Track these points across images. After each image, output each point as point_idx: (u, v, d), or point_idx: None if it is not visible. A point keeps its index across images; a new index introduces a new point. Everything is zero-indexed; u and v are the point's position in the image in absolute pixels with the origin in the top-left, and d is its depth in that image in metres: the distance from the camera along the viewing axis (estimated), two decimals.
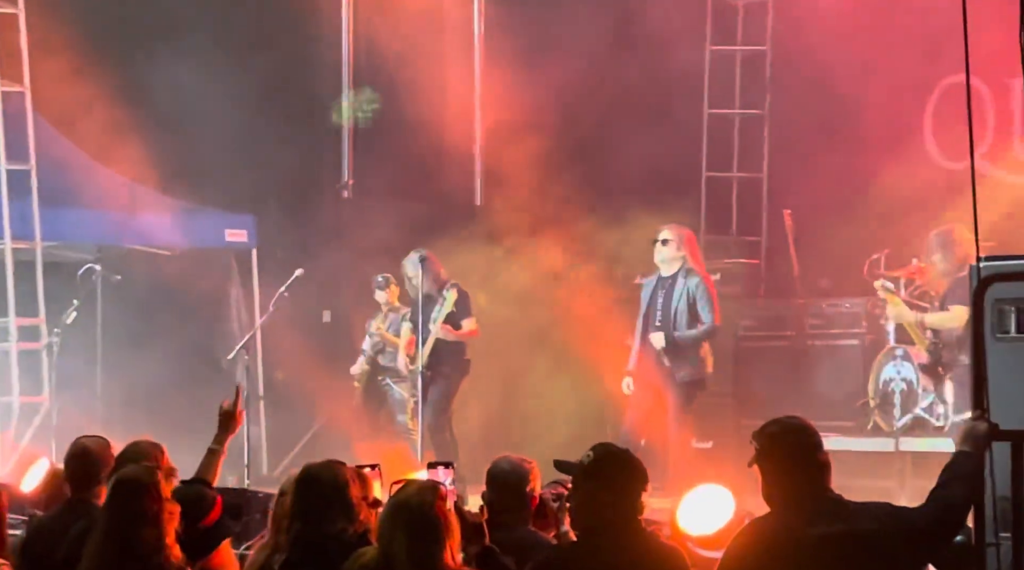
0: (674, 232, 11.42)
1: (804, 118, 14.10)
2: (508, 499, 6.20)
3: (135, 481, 5.71)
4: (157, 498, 5.64)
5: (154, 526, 5.59)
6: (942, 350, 10.63)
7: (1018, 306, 6.32)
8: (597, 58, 14.20)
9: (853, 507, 5.27)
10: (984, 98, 13.04)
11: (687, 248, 11.40)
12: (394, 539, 5.16)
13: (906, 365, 12.31)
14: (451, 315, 12.18)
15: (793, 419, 5.37)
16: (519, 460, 6.29)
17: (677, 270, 11.37)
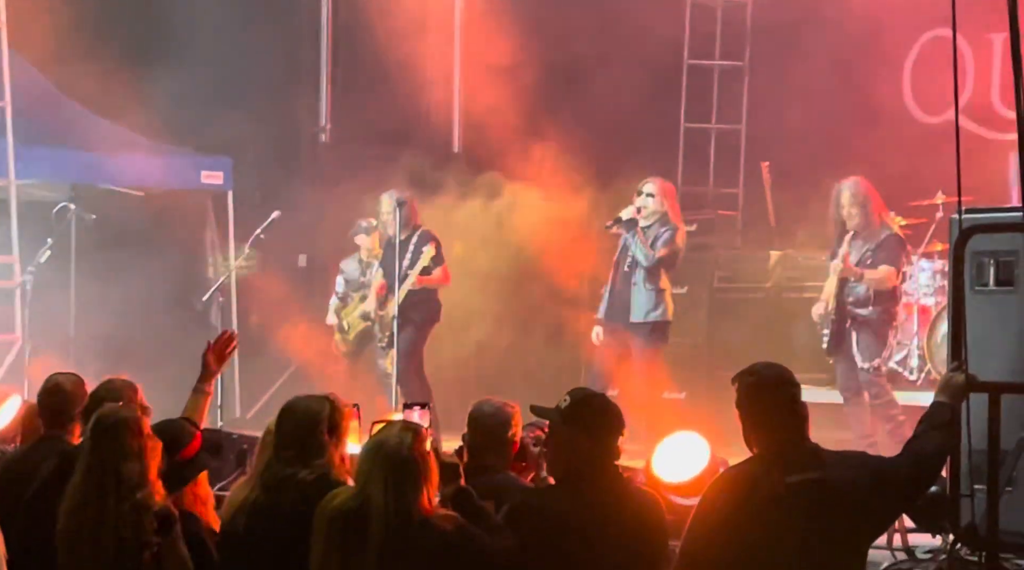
0: (658, 186, 11.45)
1: (783, 70, 14.05)
2: (490, 442, 6.18)
3: (117, 417, 5.69)
4: (139, 434, 5.62)
5: (137, 461, 5.57)
6: (849, 305, 10.68)
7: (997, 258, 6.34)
8: (578, 7, 14.13)
9: (829, 456, 5.29)
10: (964, 53, 13.02)
11: (668, 202, 11.44)
12: (371, 479, 5.15)
13: None
14: (425, 269, 12.16)
15: (773, 368, 5.38)
16: (501, 403, 6.26)
17: (655, 222, 11.40)
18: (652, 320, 11.33)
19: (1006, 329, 6.09)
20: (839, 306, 10.70)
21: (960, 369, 5.39)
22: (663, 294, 11.37)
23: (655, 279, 11.34)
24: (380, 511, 5.12)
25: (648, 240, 11.32)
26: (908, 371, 12.23)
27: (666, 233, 11.34)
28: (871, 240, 10.70)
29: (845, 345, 10.78)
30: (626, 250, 11.43)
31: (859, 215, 10.70)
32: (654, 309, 11.34)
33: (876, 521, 5.35)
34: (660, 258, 11.30)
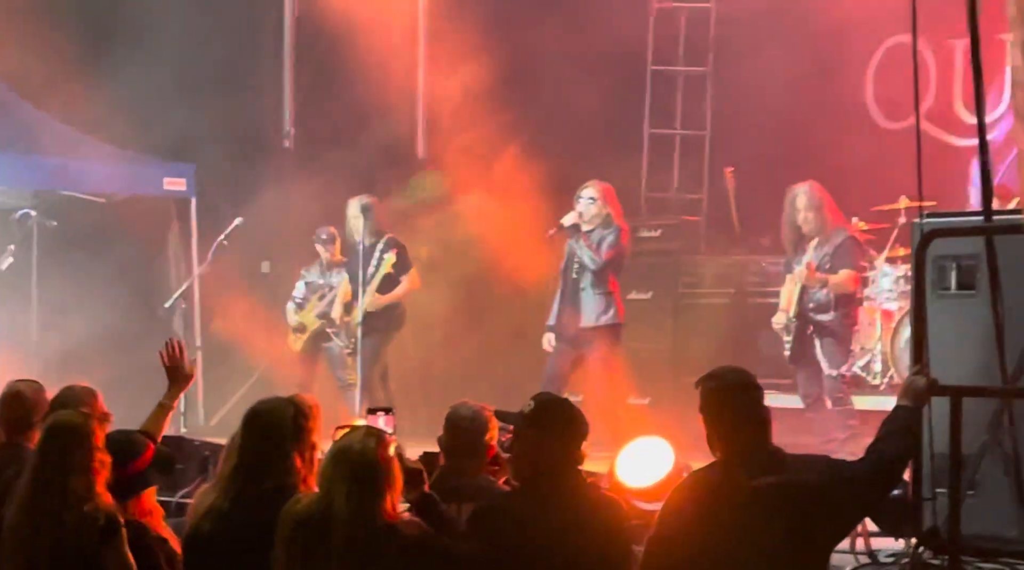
0: (597, 189, 11.43)
1: (747, 76, 14.09)
2: (467, 445, 6.16)
3: (68, 426, 5.64)
4: (89, 446, 5.58)
5: (84, 474, 5.52)
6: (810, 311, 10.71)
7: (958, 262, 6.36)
8: (541, 12, 14.13)
9: (792, 460, 5.30)
10: (926, 59, 13.09)
11: (609, 204, 11.44)
12: (334, 484, 5.13)
13: None
14: (387, 277, 12.13)
15: (737, 372, 5.39)
16: (479, 407, 6.23)
17: (598, 225, 11.39)
18: (604, 324, 11.31)
19: (968, 333, 6.10)
20: (801, 312, 10.73)
21: (922, 373, 5.41)
22: (612, 297, 11.37)
23: (603, 282, 11.33)
24: (343, 517, 5.11)
25: (593, 244, 11.31)
26: (871, 376, 12.27)
27: (610, 235, 11.32)
28: (827, 244, 10.73)
29: (808, 351, 10.81)
30: (572, 256, 11.42)
31: (814, 220, 10.74)
32: (604, 312, 11.33)
33: (839, 524, 5.36)
34: (607, 261, 11.29)
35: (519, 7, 14.20)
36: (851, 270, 10.76)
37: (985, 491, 6.12)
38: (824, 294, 10.67)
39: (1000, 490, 5.90)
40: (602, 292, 11.33)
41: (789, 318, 10.76)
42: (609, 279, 11.37)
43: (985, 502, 6.08)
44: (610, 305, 11.35)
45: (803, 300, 10.72)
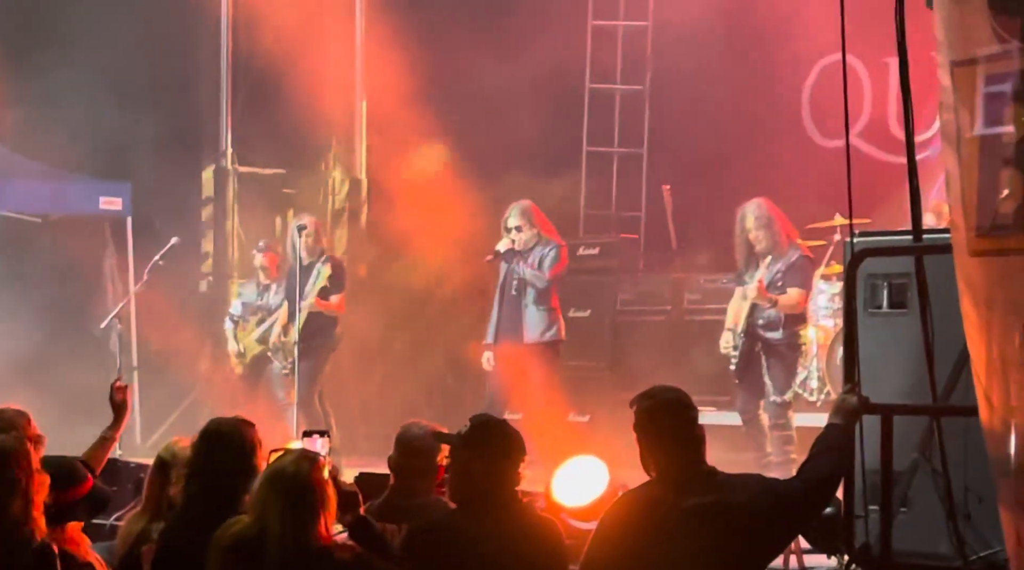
0: (520, 213, 11.43)
1: (684, 94, 14.17)
2: (418, 465, 6.15)
3: (3, 450, 5.58)
4: (26, 467, 5.52)
5: (21, 497, 5.47)
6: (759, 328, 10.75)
7: (890, 281, 6.41)
8: (478, 33, 14.16)
9: (725, 479, 5.32)
10: (862, 77, 13.19)
11: (537, 222, 11.45)
12: (268, 508, 5.10)
13: None
14: (324, 289, 12.09)
15: (671, 392, 5.41)
16: (430, 427, 6.21)
17: (534, 245, 11.41)
18: (547, 340, 11.34)
19: (899, 351, 6.15)
20: (749, 329, 10.71)
21: (853, 391, 5.45)
22: (555, 313, 11.41)
23: (547, 299, 11.36)
24: (277, 540, 5.08)
25: (534, 263, 11.34)
26: (808, 393, 12.34)
27: (551, 252, 11.36)
28: (780, 261, 10.73)
29: (754, 370, 10.79)
30: (509, 275, 11.43)
31: (766, 238, 10.71)
32: (548, 328, 11.35)
33: (772, 543, 5.39)
34: (551, 278, 11.34)
35: (458, 25, 14.22)
36: (801, 289, 10.77)
37: (916, 508, 6.17)
38: (775, 312, 10.68)
39: (931, 506, 5.94)
40: (546, 308, 11.36)
41: (737, 335, 10.76)
42: (552, 295, 11.41)
43: (917, 518, 6.13)
44: (553, 322, 11.39)
45: (752, 317, 10.72)
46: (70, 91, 13.51)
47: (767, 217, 10.71)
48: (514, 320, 11.39)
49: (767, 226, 10.69)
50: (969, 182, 4.88)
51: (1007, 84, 4.82)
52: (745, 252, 10.85)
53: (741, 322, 10.73)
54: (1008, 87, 4.81)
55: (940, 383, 5.73)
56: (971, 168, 4.82)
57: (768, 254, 10.71)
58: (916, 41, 5.40)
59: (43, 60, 13.67)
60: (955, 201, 4.91)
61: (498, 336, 11.48)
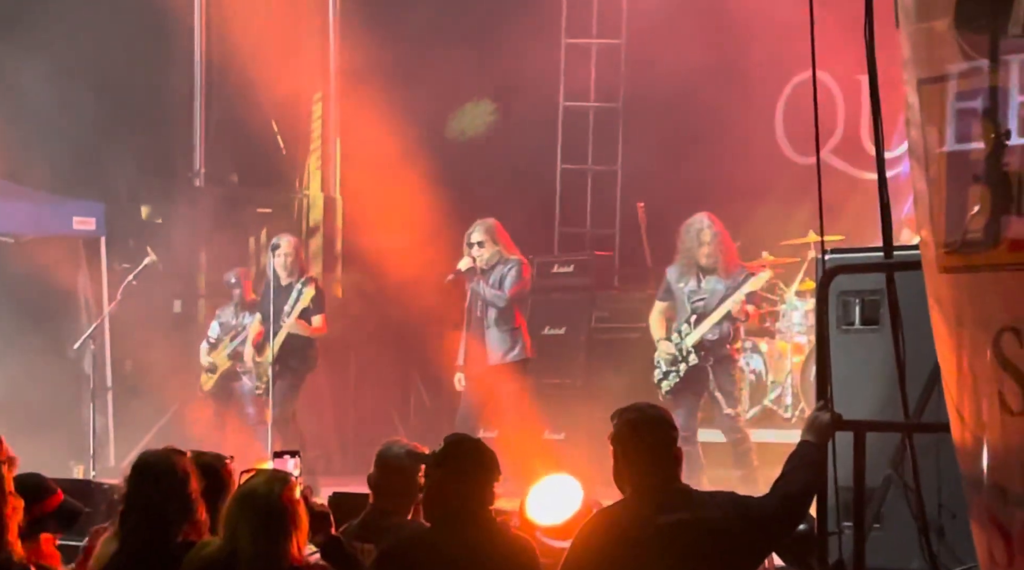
0: (483, 229, 11.43)
1: (658, 112, 14.21)
2: (397, 484, 6.12)
3: None
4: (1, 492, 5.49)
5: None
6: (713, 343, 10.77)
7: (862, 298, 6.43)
8: (451, 51, 14.18)
9: (699, 496, 5.33)
10: (834, 94, 13.23)
11: (500, 239, 11.45)
12: (240, 529, 5.09)
13: (755, 357, 12.48)
14: (305, 310, 12.06)
15: (655, 408, 5.42)
16: (411, 446, 6.19)
17: (495, 263, 11.41)
18: (511, 360, 11.33)
19: (871, 368, 6.17)
20: (701, 343, 10.72)
21: (826, 408, 5.46)
22: (519, 332, 11.39)
23: (509, 319, 11.35)
24: (249, 561, 5.06)
25: (495, 282, 11.33)
26: (783, 409, 12.36)
27: (511, 270, 11.35)
28: (729, 279, 10.74)
29: (699, 385, 10.78)
30: (476, 296, 11.43)
31: (718, 253, 10.74)
32: (511, 350, 11.35)
33: (746, 560, 5.39)
34: (511, 297, 11.32)
35: (431, 43, 14.24)
36: (756, 307, 10.89)
37: (889, 524, 6.19)
38: (728, 326, 10.71)
39: (904, 523, 5.96)
40: (507, 329, 11.35)
41: (685, 348, 10.73)
42: (515, 315, 11.40)
43: (890, 535, 6.15)
44: (516, 341, 11.36)
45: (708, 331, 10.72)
46: (43, 111, 13.48)
47: (720, 234, 10.74)
48: (480, 341, 11.39)
49: (721, 243, 10.73)
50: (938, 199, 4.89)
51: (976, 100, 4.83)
52: (686, 264, 10.82)
53: (693, 336, 10.70)
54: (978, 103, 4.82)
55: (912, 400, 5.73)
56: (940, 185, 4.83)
57: (714, 270, 10.71)
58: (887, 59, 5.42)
59: (15, 78, 13.64)
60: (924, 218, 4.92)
61: (467, 357, 11.48)
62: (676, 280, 10.87)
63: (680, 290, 10.83)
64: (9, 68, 13.65)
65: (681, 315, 10.83)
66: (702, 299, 10.75)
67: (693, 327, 10.73)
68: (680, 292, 10.82)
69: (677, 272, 10.88)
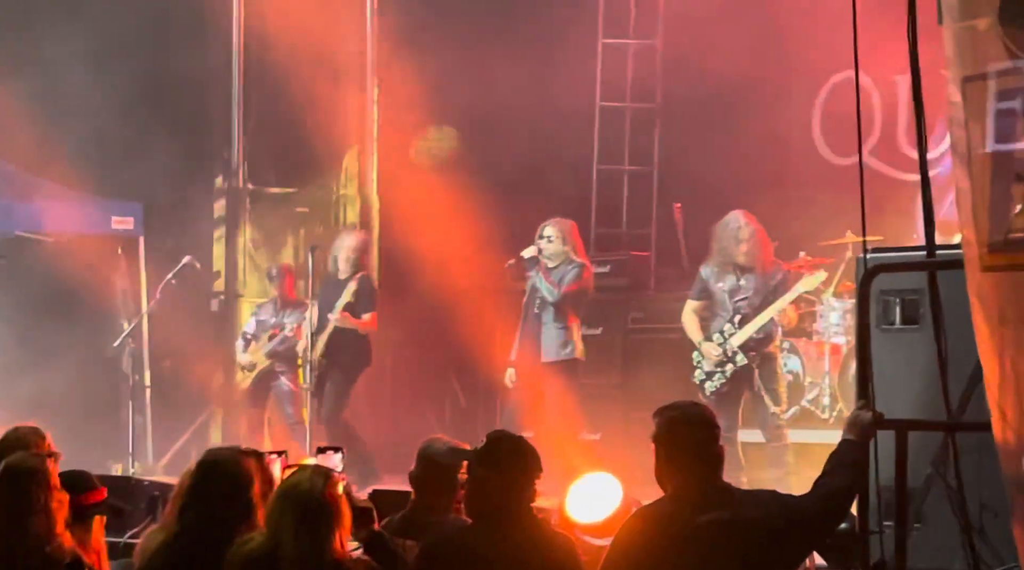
0: (558, 226, 11.45)
1: (694, 112, 14.18)
2: (439, 481, 6.13)
3: (24, 469, 5.61)
4: (46, 486, 5.55)
5: (43, 515, 5.50)
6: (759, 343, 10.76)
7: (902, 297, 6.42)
8: (489, 50, 14.19)
9: (740, 495, 5.33)
10: (872, 95, 13.19)
11: (571, 241, 11.46)
12: (282, 524, 5.12)
13: (792, 358, 12.45)
14: (351, 305, 12.08)
15: (696, 406, 5.42)
16: (454, 443, 6.20)
17: (560, 262, 11.42)
18: (563, 358, 11.34)
19: (912, 367, 6.15)
20: (747, 344, 10.70)
21: (867, 407, 5.45)
22: (571, 332, 11.39)
23: (563, 317, 11.35)
24: (292, 556, 5.09)
25: (555, 280, 11.34)
26: (820, 409, 12.33)
27: (572, 271, 11.37)
28: (767, 276, 10.73)
29: (743, 387, 10.77)
30: (534, 292, 11.44)
31: (755, 250, 10.73)
32: (563, 347, 11.35)
33: (787, 559, 5.38)
34: (566, 294, 11.30)
35: (469, 45, 14.25)
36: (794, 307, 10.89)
37: (931, 524, 6.18)
38: (772, 326, 10.69)
39: (946, 523, 5.94)
40: (562, 327, 11.36)
41: (731, 348, 10.71)
42: (568, 314, 11.40)
43: (931, 534, 6.13)
44: (569, 340, 11.37)
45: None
46: (82, 111, 13.56)
47: (757, 232, 10.73)
48: (534, 338, 11.41)
49: (758, 241, 10.72)
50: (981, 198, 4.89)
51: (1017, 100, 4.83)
52: (723, 263, 10.80)
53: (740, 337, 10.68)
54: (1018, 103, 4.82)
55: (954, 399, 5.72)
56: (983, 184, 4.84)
57: (751, 269, 10.70)
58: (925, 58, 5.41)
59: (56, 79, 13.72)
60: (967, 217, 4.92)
61: (520, 353, 11.49)
62: (714, 280, 10.85)
63: (719, 290, 10.81)
64: (50, 69, 13.74)
65: (722, 315, 10.80)
66: (744, 298, 10.73)
67: (738, 327, 10.70)
68: (719, 292, 10.80)
69: (713, 271, 10.86)
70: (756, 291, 10.70)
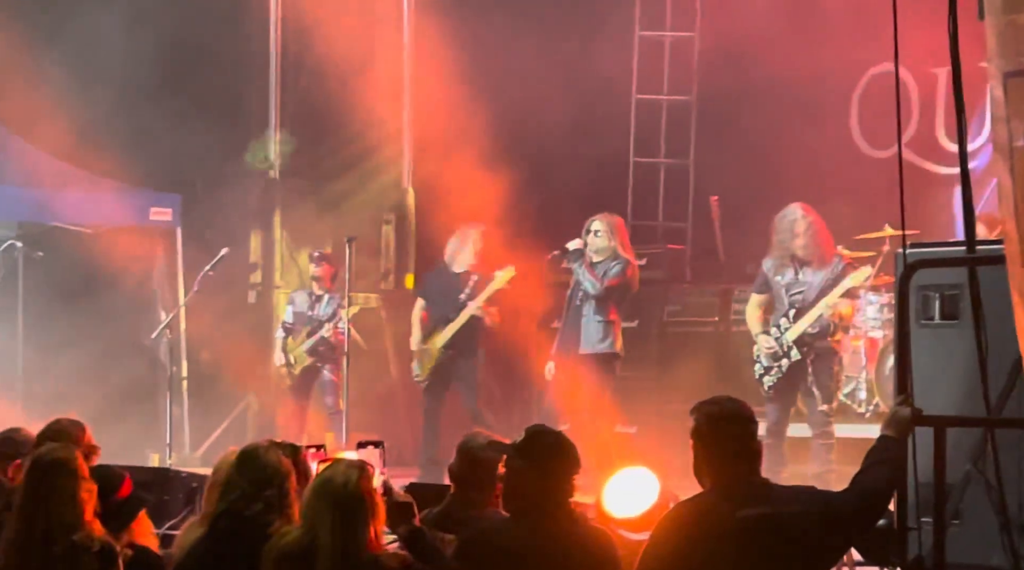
0: (605, 222, 11.43)
1: (731, 105, 14.16)
2: (478, 476, 6.11)
3: (52, 459, 5.65)
4: (74, 475, 5.59)
5: (71, 504, 5.53)
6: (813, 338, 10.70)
7: (941, 292, 6.38)
8: (526, 41, 14.19)
9: (779, 491, 5.31)
10: (910, 87, 13.14)
11: (618, 237, 11.43)
12: (318, 518, 5.13)
13: None
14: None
15: (734, 402, 5.40)
16: (494, 438, 6.18)
17: (606, 257, 11.40)
18: (601, 351, 11.30)
19: (951, 363, 6.13)
20: (802, 338, 10.64)
21: (906, 403, 5.43)
22: (612, 326, 11.34)
23: (604, 311, 11.32)
24: (327, 550, 5.11)
25: (599, 274, 11.32)
26: (857, 404, 12.30)
27: (616, 266, 11.34)
28: (826, 269, 10.67)
29: (796, 381, 10.73)
30: (578, 285, 11.43)
31: (813, 243, 10.67)
32: (602, 340, 11.31)
33: (825, 555, 5.37)
34: (608, 288, 11.27)
35: (505, 36, 14.24)
36: (853, 299, 10.80)
37: (969, 520, 6.14)
38: (826, 321, 10.61)
39: (984, 519, 5.92)
40: (602, 320, 11.32)
41: (786, 343, 10.66)
42: (610, 308, 11.36)
43: (970, 531, 6.10)
44: (608, 333, 11.32)
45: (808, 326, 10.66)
46: (121, 103, 13.62)
47: (814, 224, 10.68)
48: (574, 330, 11.39)
49: (816, 233, 10.66)
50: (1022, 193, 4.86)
51: None
52: (782, 256, 10.77)
53: (794, 332, 10.63)
54: None
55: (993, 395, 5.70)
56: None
57: (810, 262, 10.65)
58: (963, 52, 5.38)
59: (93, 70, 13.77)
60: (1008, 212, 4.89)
61: (560, 346, 11.48)
62: (773, 273, 10.81)
63: (777, 283, 10.76)
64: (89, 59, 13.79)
65: (779, 309, 10.76)
66: (800, 292, 10.68)
67: (792, 321, 10.65)
68: (777, 285, 10.75)
69: (773, 265, 10.81)
70: (812, 285, 10.63)
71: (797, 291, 10.69)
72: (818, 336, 10.63)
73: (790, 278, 10.71)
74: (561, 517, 5.37)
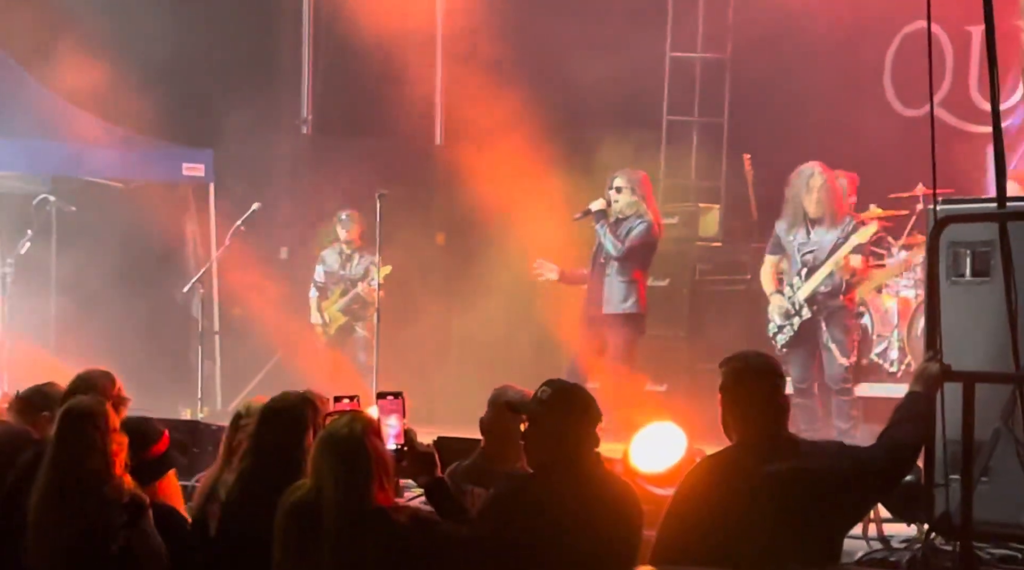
0: (628, 178, 11.34)
1: (765, 63, 14.06)
2: (510, 429, 6.02)
3: (82, 411, 5.67)
4: (104, 427, 5.60)
5: (101, 456, 5.55)
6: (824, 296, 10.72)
7: (973, 249, 6.34)
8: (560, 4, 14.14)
9: (805, 446, 5.32)
10: (943, 45, 13.05)
11: (641, 192, 11.34)
12: (323, 470, 5.13)
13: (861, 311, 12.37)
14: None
15: (761, 356, 5.40)
16: (525, 392, 6.14)
17: (631, 214, 11.32)
18: (624, 311, 11.20)
19: (981, 319, 6.09)
20: (813, 296, 10.68)
21: (935, 359, 5.41)
22: (635, 285, 11.25)
23: (627, 270, 11.22)
24: (332, 503, 5.08)
25: (621, 233, 11.23)
26: (888, 363, 12.25)
27: (640, 225, 11.21)
28: (838, 229, 10.68)
29: (813, 338, 10.75)
30: (601, 245, 11.38)
31: (826, 201, 10.69)
32: (625, 300, 11.21)
33: (852, 511, 5.37)
34: (630, 248, 11.14)
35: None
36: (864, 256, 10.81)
37: (998, 477, 6.12)
38: (839, 278, 10.65)
39: (1013, 476, 5.90)
40: (625, 280, 11.23)
41: (797, 302, 10.69)
42: (633, 269, 11.27)
43: (998, 488, 6.08)
44: (631, 293, 11.22)
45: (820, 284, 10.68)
46: (154, 59, 13.63)
47: (829, 182, 10.69)
48: (598, 289, 11.33)
49: (829, 191, 10.67)
50: None
51: None
52: (794, 215, 10.76)
53: (805, 291, 10.66)
54: None
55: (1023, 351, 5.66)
56: None
57: (822, 221, 10.65)
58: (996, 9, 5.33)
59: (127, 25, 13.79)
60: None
61: (586, 305, 11.43)
62: (785, 233, 10.82)
63: (790, 243, 10.78)
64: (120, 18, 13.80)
65: (792, 268, 10.80)
66: (811, 251, 10.70)
67: (804, 280, 10.68)
68: (790, 245, 10.78)
69: (786, 224, 10.84)
70: (823, 244, 10.65)
71: (808, 250, 10.70)
72: (830, 295, 10.69)
73: (802, 238, 10.73)
74: (583, 470, 5.34)
